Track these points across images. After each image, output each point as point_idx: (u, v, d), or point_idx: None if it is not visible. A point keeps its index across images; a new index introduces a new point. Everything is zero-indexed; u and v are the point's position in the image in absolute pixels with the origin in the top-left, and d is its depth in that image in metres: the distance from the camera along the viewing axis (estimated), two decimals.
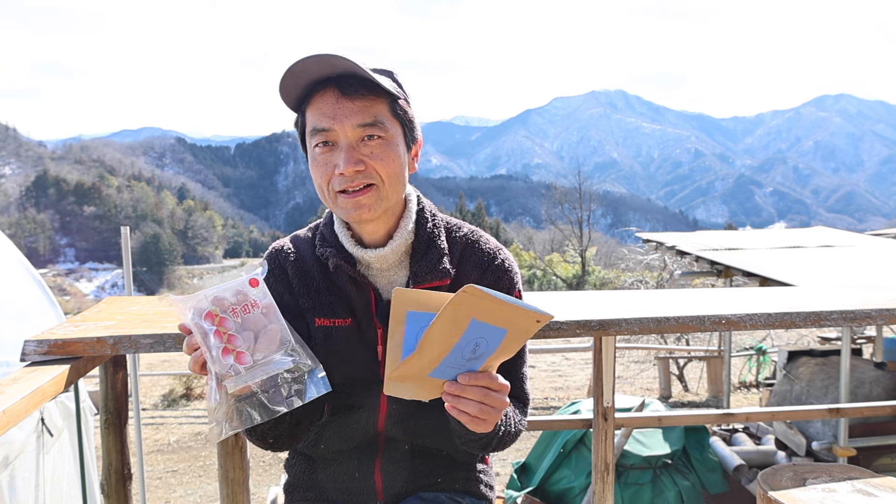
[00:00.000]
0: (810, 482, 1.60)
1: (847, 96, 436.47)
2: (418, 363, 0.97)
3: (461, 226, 1.37)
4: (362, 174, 1.18)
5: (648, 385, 10.98)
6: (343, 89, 1.16)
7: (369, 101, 1.17)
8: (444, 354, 0.96)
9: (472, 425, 1.05)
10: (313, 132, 1.19)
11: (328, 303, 1.30)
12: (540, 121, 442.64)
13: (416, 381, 1.00)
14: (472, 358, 0.99)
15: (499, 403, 1.03)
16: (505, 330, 0.96)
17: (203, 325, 0.99)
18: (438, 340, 0.95)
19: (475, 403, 1.02)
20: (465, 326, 0.93)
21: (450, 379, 1.01)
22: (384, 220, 1.27)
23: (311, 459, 1.42)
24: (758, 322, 1.90)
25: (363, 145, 1.18)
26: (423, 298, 0.99)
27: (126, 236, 4.20)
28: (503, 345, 0.98)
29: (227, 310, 1.01)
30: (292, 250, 1.35)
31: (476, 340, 0.96)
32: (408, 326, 0.99)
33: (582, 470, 3.79)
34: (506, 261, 1.33)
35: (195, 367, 1.04)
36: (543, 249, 42.11)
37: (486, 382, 1.01)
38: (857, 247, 7.16)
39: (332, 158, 1.19)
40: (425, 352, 0.95)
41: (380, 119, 1.18)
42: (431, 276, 1.27)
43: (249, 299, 1.02)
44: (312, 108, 1.19)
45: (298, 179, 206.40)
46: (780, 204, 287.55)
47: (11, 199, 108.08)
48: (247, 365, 1.00)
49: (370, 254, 1.27)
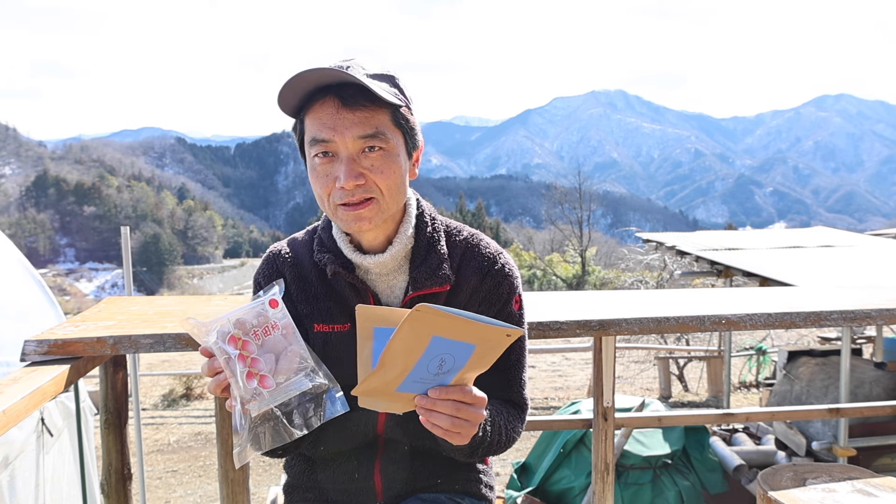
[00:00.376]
0: (810, 482, 1.60)
1: (847, 96, 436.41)
2: (382, 378, 0.96)
3: (461, 229, 1.35)
4: (362, 188, 1.16)
5: (648, 385, 10.98)
6: (343, 99, 1.13)
7: (370, 111, 1.14)
8: (408, 370, 0.95)
9: (447, 437, 1.04)
10: (313, 142, 1.16)
11: (326, 309, 1.29)
12: (540, 121, 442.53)
13: (385, 396, 1.00)
14: (439, 373, 0.97)
15: (472, 416, 1.02)
16: (473, 345, 0.94)
17: (227, 349, 0.99)
18: (399, 356, 0.94)
19: (447, 417, 1.00)
20: (427, 343, 0.92)
21: (420, 393, 1.00)
22: (383, 227, 1.25)
23: (310, 460, 1.42)
24: (758, 322, 1.90)
25: (364, 157, 1.16)
26: (386, 314, 0.99)
27: (126, 236, 4.20)
28: (473, 359, 0.97)
29: (249, 332, 1.01)
30: (290, 255, 1.33)
31: (441, 356, 0.95)
32: (375, 342, 0.99)
33: (582, 470, 3.79)
34: (506, 265, 1.32)
35: (217, 389, 1.03)
36: (543, 249, 42.10)
37: (457, 396, 1.00)
38: (857, 247, 7.16)
39: (332, 170, 1.16)
40: (388, 368, 0.95)
41: (381, 130, 1.15)
42: (431, 281, 1.26)
43: (270, 321, 1.02)
44: (312, 117, 1.16)
45: (298, 179, 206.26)
46: (780, 204, 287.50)
47: (11, 199, 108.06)
48: (269, 389, 1.00)
49: (369, 260, 1.26)
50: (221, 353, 0.99)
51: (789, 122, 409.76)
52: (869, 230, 15.30)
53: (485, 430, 1.16)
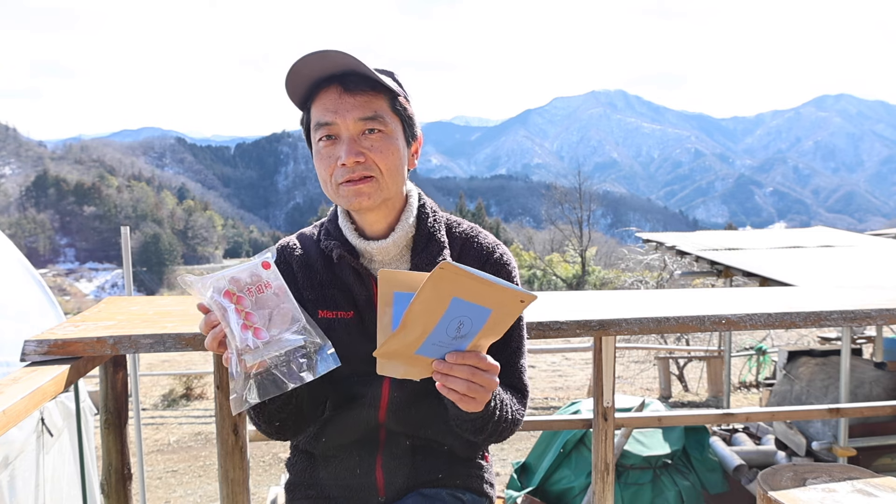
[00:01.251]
0: (810, 482, 1.60)
1: (847, 96, 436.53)
2: (403, 340, 1.00)
3: (461, 222, 1.42)
4: (362, 165, 1.23)
5: (648, 385, 10.98)
6: (345, 85, 1.22)
7: (370, 96, 1.23)
8: (428, 332, 0.99)
9: (461, 403, 1.07)
10: (317, 126, 1.25)
11: (331, 296, 1.34)
12: (540, 121, 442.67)
13: (404, 360, 1.04)
14: (457, 336, 1.01)
15: (487, 382, 1.06)
16: (489, 310, 0.98)
17: (223, 302, 1.06)
18: (420, 317, 0.97)
19: (463, 381, 1.04)
20: (447, 304, 0.96)
21: (438, 357, 1.04)
22: (385, 213, 1.32)
23: (312, 457, 1.43)
24: (758, 322, 1.90)
25: (364, 138, 1.24)
26: (407, 279, 1.02)
27: (126, 236, 4.20)
28: (489, 325, 1.00)
29: (244, 289, 1.07)
30: (297, 246, 1.40)
31: (460, 318, 0.99)
32: (395, 307, 1.02)
33: (582, 470, 3.79)
34: (504, 255, 1.38)
35: (213, 343, 1.09)
36: (543, 249, 42.11)
37: (473, 361, 1.04)
38: (857, 247, 7.17)
39: (334, 151, 1.24)
40: (409, 329, 0.99)
41: (380, 114, 1.24)
42: (432, 268, 1.29)
43: (263, 280, 1.08)
44: (317, 104, 1.25)
45: (298, 179, 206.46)
46: (780, 204, 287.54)
47: (11, 199, 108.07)
48: (263, 340, 1.06)
49: (373, 245, 1.32)
50: (218, 307, 1.05)
51: (789, 122, 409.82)
52: (869, 230, 15.30)
53: (496, 401, 1.20)
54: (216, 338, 1.08)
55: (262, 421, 1.27)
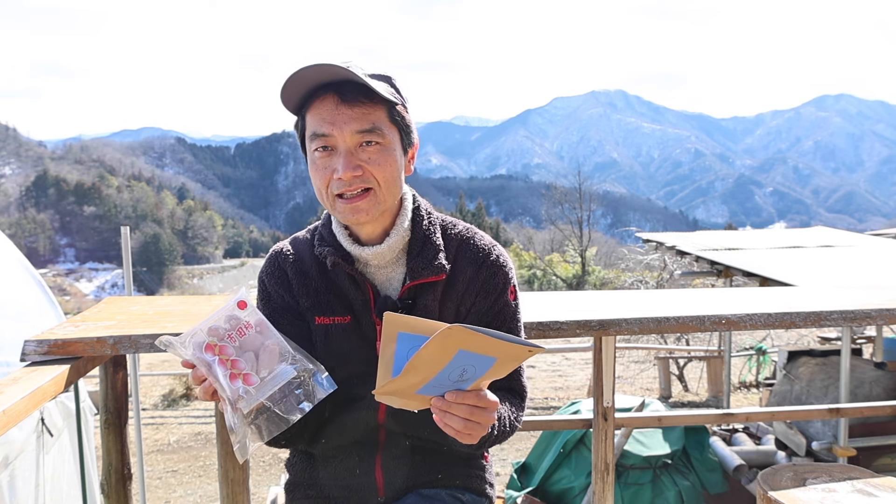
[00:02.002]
0: (810, 482, 1.60)
1: (847, 96, 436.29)
2: (405, 383, 1.00)
3: (456, 223, 1.40)
4: (360, 179, 1.22)
5: (648, 385, 10.98)
6: (342, 96, 1.19)
7: (368, 107, 1.20)
8: (430, 378, 0.99)
9: (458, 438, 1.08)
10: (313, 137, 1.22)
11: (327, 301, 1.32)
12: (540, 121, 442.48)
13: (402, 396, 1.04)
14: (459, 381, 1.01)
15: (484, 420, 1.06)
16: (494, 359, 0.98)
17: (205, 357, 1.03)
18: (425, 366, 0.97)
19: (460, 419, 1.04)
20: (452, 355, 0.96)
21: (437, 395, 1.04)
22: (381, 220, 1.30)
23: (312, 457, 1.43)
24: (758, 322, 1.90)
25: (361, 151, 1.22)
26: (413, 323, 1.02)
27: (126, 236, 4.20)
28: (493, 370, 1.01)
29: (224, 337, 1.04)
30: (291, 252, 1.38)
31: (463, 367, 0.99)
32: (398, 345, 1.02)
33: (582, 470, 3.79)
34: (500, 257, 1.36)
35: (205, 395, 1.07)
36: (543, 249, 42.08)
37: (472, 401, 1.04)
38: (857, 247, 7.16)
39: (330, 163, 1.22)
40: (411, 375, 0.98)
41: (378, 125, 1.21)
42: (427, 271, 1.30)
43: (242, 322, 1.05)
44: (312, 113, 1.22)
45: (298, 179, 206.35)
46: (780, 204, 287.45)
47: (11, 199, 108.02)
48: (255, 385, 1.04)
49: (367, 251, 1.30)
50: (201, 363, 1.03)
51: (789, 122, 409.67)
52: (869, 230, 15.30)
53: (492, 428, 1.21)
54: (207, 391, 1.06)
55: (269, 444, 1.27)
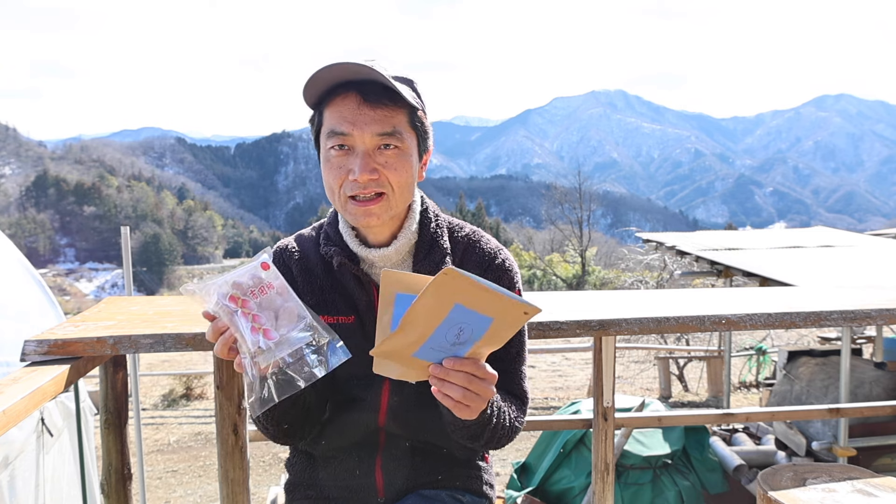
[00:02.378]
0: (810, 482, 1.60)
1: (847, 96, 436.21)
2: (401, 341, 0.99)
3: (463, 226, 1.39)
4: (375, 182, 1.20)
5: (648, 385, 10.97)
6: (365, 96, 1.17)
7: (390, 110, 1.19)
8: (427, 335, 0.98)
9: (456, 410, 1.06)
10: (331, 134, 1.20)
11: (332, 301, 1.32)
12: (540, 121, 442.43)
13: (401, 361, 1.03)
14: (456, 343, 1.00)
15: (483, 391, 1.04)
16: (491, 318, 0.97)
17: (229, 306, 1.05)
18: (420, 320, 0.96)
19: (459, 388, 1.03)
20: (448, 309, 0.95)
21: (435, 362, 1.03)
22: (390, 223, 1.29)
23: (311, 458, 1.43)
24: (758, 322, 1.90)
25: (379, 154, 1.20)
26: (411, 280, 1.01)
27: (126, 236, 4.20)
28: (489, 333, 0.99)
29: (247, 292, 1.07)
30: (296, 249, 1.37)
31: (460, 325, 0.97)
32: (396, 308, 1.02)
33: (582, 470, 3.79)
34: (506, 260, 1.36)
35: (223, 349, 1.07)
36: (543, 249, 42.08)
37: (470, 369, 1.02)
38: (857, 247, 7.16)
39: (346, 162, 1.21)
40: (408, 331, 0.97)
41: (398, 129, 1.20)
42: (435, 274, 1.28)
43: (264, 281, 1.07)
44: (332, 110, 1.20)
45: (298, 179, 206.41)
46: (780, 204, 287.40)
47: (11, 199, 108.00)
48: (274, 340, 1.06)
49: (374, 253, 1.29)
50: (226, 312, 1.05)
51: (789, 122, 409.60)
52: (869, 230, 15.30)
53: (492, 409, 1.18)
54: (226, 343, 1.07)
55: (271, 424, 1.26)
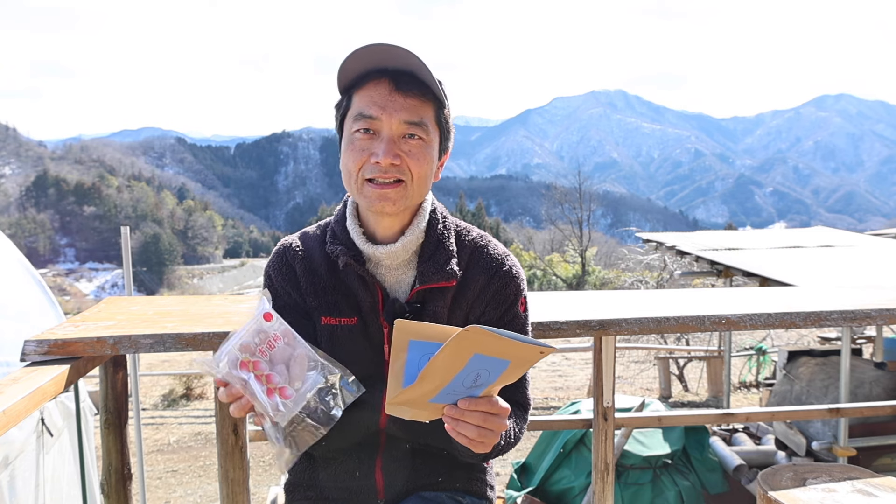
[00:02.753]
0: (810, 482, 1.60)
1: (847, 96, 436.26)
2: (419, 391, 0.99)
3: (470, 230, 1.39)
4: (396, 168, 1.21)
5: (648, 385, 10.97)
6: (397, 83, 1.19)
7: (420, 101, 1.21)
8: (445, 384, 0.99)
9: (471, 447, 1.07)
10: (358, 117, 1.21)
11: (334, 301, 1.31)
12: (540, 121, 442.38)
13: (414, 406, 1.03)
14: (472, 386, 1.01)
15: (497, 426, 1.05)
16: (508, 361, 0.98)
17: (242, 375, 1.02)
18: (440, 372, 0.97)
19: (474, 427, 1.03)
20: (468, 360, 0.96)
21: (450, 403, 1.03)
22: (401, 216, 1.30)
23: (312, 459, 1.42)
24: (758, 322, 1.90)
25: (403, 142, 1.22)
26: (423, 330, 1.01)
27: (126, 236, 4.20)
28: (505, 374, 1.00)
29: (256, 352, 1.04)
30: (300, 248, 1.37)
31: (478, 371, 0.98)
32: (409, 354, 1.01)
33: (582, 470, 3.79)
34: (513, 267, 1.35)
35: (240, 412, 1.06)
36: (543, 249, 42.08)
37: (485, 408, 1.03)
38: (857, 247, 7.16)
39: (370, 146, 1.21)
40: (426, 382, 0.98)
41: (425, 121, 1.22)
42: (438, 276, 1.29)
43: (270, 335, 1.05)
44: (362, 94, 1.22)
45: (298, 179, 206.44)
46: (780, 204, 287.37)
47: (11, 199, 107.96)
48: (291, 398, 1.04)
49: (381, 250, 1.29)
50: (238, 381, 1.02)
51: (789, 122, 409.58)
52: (869, 230, 15.30)
53: (501, 437, 1.20)
54: (243, 408, 1.05)
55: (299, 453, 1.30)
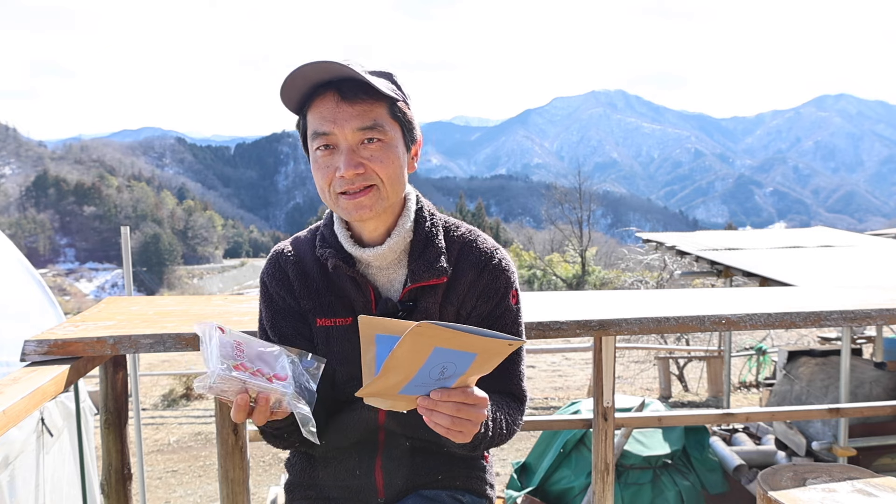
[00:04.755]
0: (810, 482, 1.60)
1: (847, 96, 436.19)
2: (385, 383, 1.00)
3: (459, 225, 1.39)
4: (362, 176, 1.21)
5: (648, 385, 10.97)
6: (343, 93, 1.19)
7: (368, 104, 1.20)
8: (410, 377, 1.00)
9: (449, 436, 1.07)
10: (314, 135, 1.21)
11: (328, 303, 1.32)
12: (540, 121, 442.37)
13: (388, 398, 1.04)
14: (440, 378, 1.01)
15: (474, 416, 1.05)
16: (474, 354, 0.98)
17: (240, 375, 1.06)
18: (401, 365, 0.97)
19: (448, 417, 1.04)
20: (428, 354, 0.96)
21: (423, 394, 1.04)
22: (383, 219, 1.29)
23: (311, 458, 1.43)
24: (758, 322, 1.90)
25: (363, 148, 1.21)
26: (387, 324, 1.02)
27: (126, 236, 4.20)
28: (475, 365, 1.00)
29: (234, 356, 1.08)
30: (292, 253, 1.37)
31: (443, 364, 0.98)
32: (378, 347, 1.02)
33: (582, 470, 3.79)
34: (503, 260, 1.35)
35: (241, 415, 1.07)
36: (543, 249, 42.06)
37: (459, 398, 1.03)
38: (857, 247, 7.16)
39: (332, 161, 1.22)
40: (390, 375, 0.98)
41: (379, 122, 1.21)
42: (429, 273, 1.29)
43: (233, 343, 1.09)
44: (313, 112, 1.22)
45: (298, 179, 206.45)
46: (780, 204, 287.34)
47: (11, 199, 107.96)
48: (287, 380, 1.09)
49: (369, 252, 1.29)
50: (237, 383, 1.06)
51: (789, 122, 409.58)
52: (869, 230, 15.30)
53: (486, 427, 1.19)
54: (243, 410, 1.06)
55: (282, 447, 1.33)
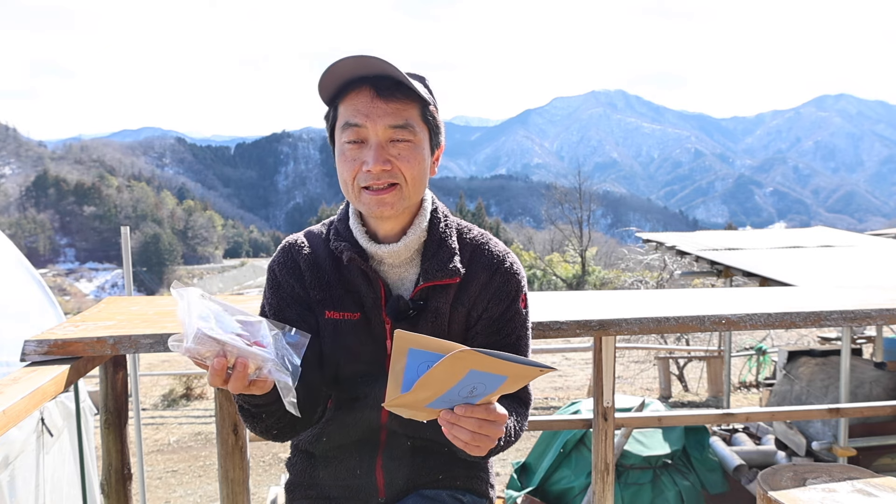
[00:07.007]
0: (810, 482, 1.60)
1: (847, 96, 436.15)
2: (415, 397, 1.01)
3: (471, 228, 1.41)
4: (388, 173, 1.23)
5: (648, 385, 10.97)
6: (379, 90, 1.21)
7: (403, 104, 1.22)
8: (440, 394, 1.00)
9: (465, 449, 1.08)
10: (345, 126, 1.23)
11: (338, 296, 1.33)
12: (540, 121, 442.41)
13: (413, 409, 1.05)
14: (468, 396, 1.02)
15: (493, 432, 1.06)
16: (505, 377, 0.99)
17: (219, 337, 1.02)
18: (435, 384, 0.98)
19: (469, 433, 1.04)
20: (463, 375, 0.97)
21: (447, 408, 1.04)
22: (401, 217, 1.31)
23: (312, 457, 1.43)
24: (758, 322, 1.90)
25: (391, 146, 1.23)
26: (423, 341, 1.02)
27: (126, 236, 4.20)
28: (503, 386, 1.01)
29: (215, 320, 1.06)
30: (306, 244, 1.38)
31: (473, 385, 0.99)
32: (409, 360, 1.02)
33: (582, 470, 3.79)
34: (514, 265, 1.38)
35: (217, 379, 1.04)
36: (543, 249, 42.07)
37: (482, 415, 1.04)
38: (857, 247, 7.16)
39: (360, 155, 1.23)
40: (422, 391, 0.99)
41: (410, 122, 1.23)
42: (441, 273, 1.30)
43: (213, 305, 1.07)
44: (346, 104, 1.23)
45: (298, 179, 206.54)
46: (780, 204, 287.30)
47: (11, 199, 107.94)
48: (268, 345, 1.07)
49: (383, 249, 1.30)
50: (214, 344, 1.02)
51: (789, 122, 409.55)
52: (869, 230, 15.30)
53: (499, 440, 1.20)
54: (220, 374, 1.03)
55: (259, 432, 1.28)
